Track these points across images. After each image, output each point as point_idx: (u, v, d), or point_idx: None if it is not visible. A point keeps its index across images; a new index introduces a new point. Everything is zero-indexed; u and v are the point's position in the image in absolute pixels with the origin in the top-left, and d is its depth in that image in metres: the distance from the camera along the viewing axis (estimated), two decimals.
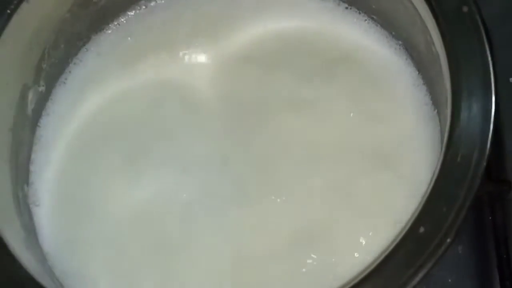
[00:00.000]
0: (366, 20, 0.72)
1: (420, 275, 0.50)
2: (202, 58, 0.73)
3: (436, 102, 0.65)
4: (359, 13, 0.72)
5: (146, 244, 0.65)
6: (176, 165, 0.68)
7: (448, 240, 0.50)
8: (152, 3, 0.76)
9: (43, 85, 0.71)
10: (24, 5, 0.63)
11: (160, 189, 0.67)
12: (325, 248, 0.62)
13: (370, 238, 0.60)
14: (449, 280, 0.69)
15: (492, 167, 0.70)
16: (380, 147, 0.65)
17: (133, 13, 0.76)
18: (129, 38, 0.75)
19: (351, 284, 0.52)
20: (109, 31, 0.75)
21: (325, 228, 0.63)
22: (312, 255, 0.61)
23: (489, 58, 0.55)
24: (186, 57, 0.73)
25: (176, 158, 0.68)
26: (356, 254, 0.59)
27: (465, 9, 0.57)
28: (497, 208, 0.70)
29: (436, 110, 0.65)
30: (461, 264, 0.70)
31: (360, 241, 0.61)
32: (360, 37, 0.71)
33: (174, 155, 0.68)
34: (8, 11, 0.63)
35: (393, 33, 0.70)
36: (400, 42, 0.70)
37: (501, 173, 0.72)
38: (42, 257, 0.64)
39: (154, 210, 0.66)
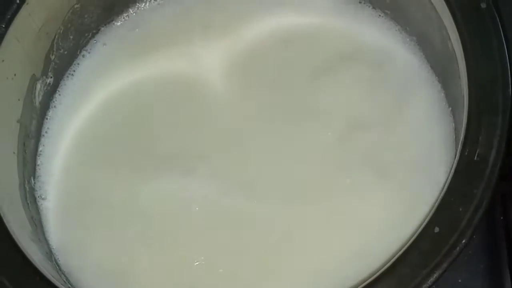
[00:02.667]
0: (380, 15, 0.71)
1: (435, 276, 0.49)
2: (211, 53, 0.72)
3: (451, 100, 0.64)
4: (373, 8, 0.71)
5: (151, 240, 0.64)
6: (183, 161, 0.67)
7: (464, 241, 0.50)
8: None
9: (51, 77, 0.70)
10: None
11: (166, 185, 0.66)
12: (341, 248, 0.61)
13: (385, 237, 0.59)
14: (459, 280, 0.68)
15: (505, 166, 0.69)
16: (392, 144, 0.65)
17: (143, 6, 0.76)
18: (138, 31, 0.75)
19: (365, 284, 0.51)
20: (119, 23, 0.75)
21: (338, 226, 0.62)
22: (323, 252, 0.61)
23: (507, 56, 0.54)
24: (196, 52, 0.73)
25: (183, 153, 0.68)
26: (370, 254, 0.58)
27: (483, 5, 0.56)
28: (509, 207, 0.69)
29: (450, 108, 0.64)
30: (471, 264, 0.69)
31: (375, 240, 0.60)
32: (374, 32, 0.71)
33: (181, 150, 0.68)
34: (18, 1, 0.62)
35: (408, 28, 0.69)
36: (415, 38, 0.69)
37: None
38: (48, 250, 0.64)
39: (159, 205, 0.66)
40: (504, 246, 0.68)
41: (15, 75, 0.64)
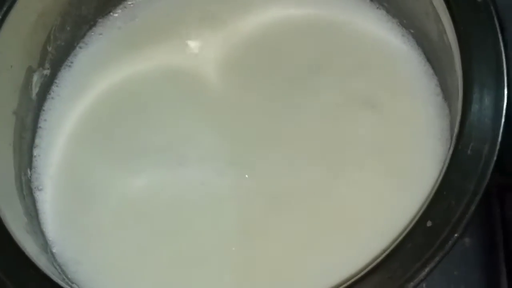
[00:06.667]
0: (378, 7, 0.71)
1: (427, 269, 0.49)
2: (209, 45, 0.72)
3: (447, 93, 0.64)
4: (371, 0, 0.71)
5: (146, 231, 0.65)
6: (177, 155, 0.67)
7: (456, 235, 0.50)
8: None
9: (48, 68, 0.70)
10: None
11: (160, 178, 0.67)
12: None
13: (377, 232, 0.58)
14: (455, 273, 0.68)
15: (505, 160, 0.69)
16: (388, 138, 0.65)
17: None
18: (135, 22, 0.74)
19: (357, 277, 0.51)
20: (116, 15, 0.75)
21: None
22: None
23: (503, 50, 0.54)
24: (193, 44, 0.72)
25: (178, 147, 0.68)
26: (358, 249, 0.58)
27: None
28: (506, 200, 0.69)
29: (447, 102, 0.64)
30: (468, 257, 0.69)
31: (366, 236, 0.60)
32: (372, 25, 0.70)
33: (176, 144, 0.68)
34: None
35: (405, 21, 0.69)
36: (412, 31, 0.68)
37: None
38: (44, 242, 0.64)
39: (154, 198, 0.66)
40: (501, 239, 0.68)
41: (11, 66, 0.64)
